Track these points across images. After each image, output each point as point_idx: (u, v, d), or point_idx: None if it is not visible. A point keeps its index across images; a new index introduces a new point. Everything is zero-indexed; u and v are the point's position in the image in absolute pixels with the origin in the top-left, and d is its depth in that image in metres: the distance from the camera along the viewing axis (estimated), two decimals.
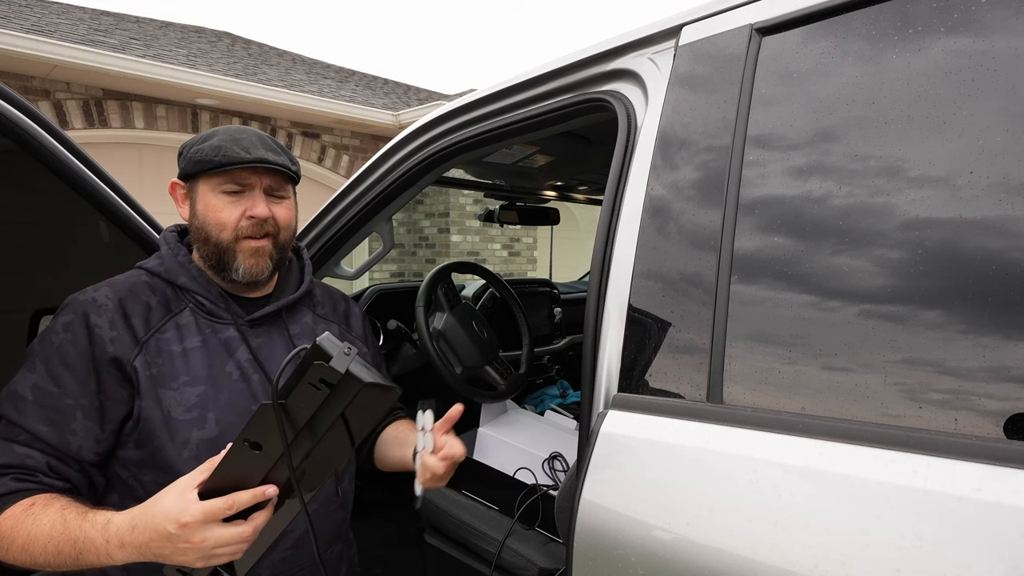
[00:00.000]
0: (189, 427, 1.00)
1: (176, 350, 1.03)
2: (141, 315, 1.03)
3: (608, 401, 0.89)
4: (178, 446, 0.99)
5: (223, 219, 1.06)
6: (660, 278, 0.88)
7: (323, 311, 1.25)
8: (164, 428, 0.98)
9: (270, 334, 1.13)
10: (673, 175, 0.91)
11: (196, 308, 1.08)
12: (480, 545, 1.53)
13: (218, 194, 1.06)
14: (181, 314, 1.07)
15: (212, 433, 1.01)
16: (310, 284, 1.23)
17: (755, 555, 0.67)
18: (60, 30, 5.91)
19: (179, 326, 1.05)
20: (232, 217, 1.06)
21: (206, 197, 1.07)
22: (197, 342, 1.05)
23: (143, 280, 1.08)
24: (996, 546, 0.55)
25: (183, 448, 0.99)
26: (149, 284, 1.08)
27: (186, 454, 0.99)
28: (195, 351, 1.04)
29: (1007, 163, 0.63)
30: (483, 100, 1.30)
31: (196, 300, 1.08)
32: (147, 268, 1.11)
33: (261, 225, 1.07)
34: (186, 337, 1.05)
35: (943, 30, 0.70)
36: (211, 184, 1.06)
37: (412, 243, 7.61)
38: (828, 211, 0.75)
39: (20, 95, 1.25)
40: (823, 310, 0.73)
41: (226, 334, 1.08)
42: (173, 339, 1.04)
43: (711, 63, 0.91)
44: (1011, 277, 0.61)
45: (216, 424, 1.02)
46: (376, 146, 7.18)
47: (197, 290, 1.08)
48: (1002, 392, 0.60)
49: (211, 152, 1.04)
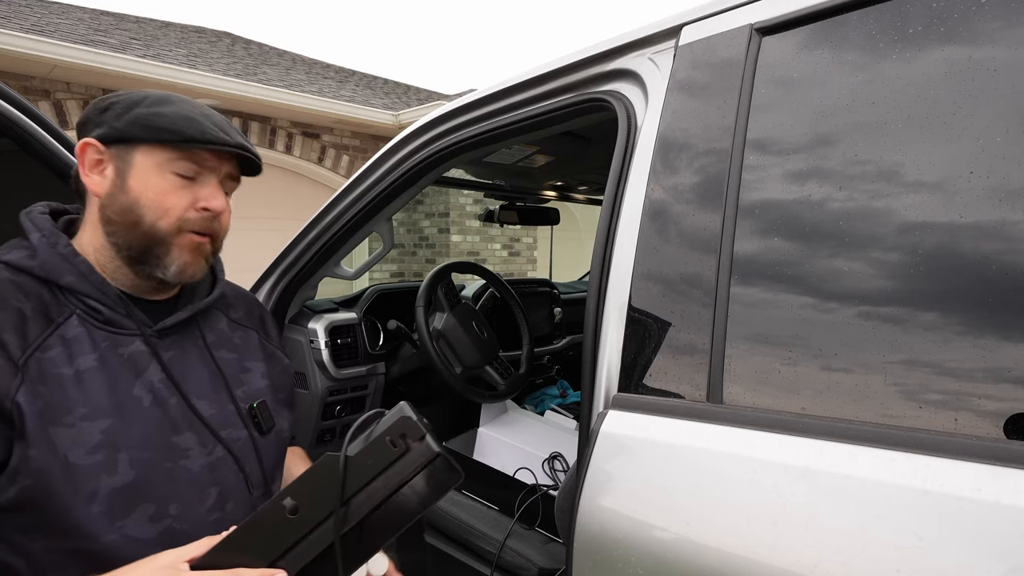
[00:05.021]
0: (95, 474, 0.77)
1: (66, 373, 0.79)
2: (13, 327, 0.77)
3: (608, 401, 0.89)
4: (84, 500, 0.76)
5: (167, 204, 0.85)
6: (660, 278, 0.88)
7: (237, 315, 1.05)
8: (64, 478, 0.75)
9: (182, 345, 0.91)
10: (673, 175, 0.91)
11: (86, 315, 0.83)
12: (480, 545, 1.53)
13: (166, 174, 0.85)
14: (66, 324, 0.81)
15: (126, 479, 0.79)
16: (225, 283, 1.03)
17: (755, 555, 0.67)
18: (60, 30, 5.91)
19: (66, 340, 0.80)
20: (179, 204, 0.86)
21: (147, 173, 0.84)
22: (92, 361, 0.81)
23: (5, 278, 0.81)
24: (996, 546, 0.55)
25: (91, 502, 0.76)
26: (16, 284, 0.81)
27: (95, 509, 0.76)
28: (91, 372, 0.80)
29: (1008, 164, 0.63)
30: (483, 100, 1.30)
31: (87, 305, 0.84)
32: (9, 262, 0.82)
33: (211, 221, 0.89)
34: (77, 355, 0.80)
35: (945, 30, 0.70)
36: (158, 158, 0.85)
37: (412, 243, 7.61)
38: (828, 210, 0.75)
39: (20, 95, 1.25)
40: (824, 311, 0.73)
41: (130, 348, 0.85)
42: (60, 359, 0.79)
43: (711, 63, 0.91)
44: (1011, 278, 0.61)
45: (130, 466, 0.79)
46: (376, 146, 7.18)
47: (88, 292, 0.84)
48: (1002, 392, 0.60)
49: (180, 122, 0.84)
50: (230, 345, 0.99)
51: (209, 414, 0.90)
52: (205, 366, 0.93)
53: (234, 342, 1.01)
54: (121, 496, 0.79)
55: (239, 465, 0.91)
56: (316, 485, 0.67)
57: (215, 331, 0.98)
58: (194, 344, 0.93)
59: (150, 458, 0.82)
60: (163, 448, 0.83)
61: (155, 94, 0.88)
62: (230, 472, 0.90)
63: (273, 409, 1.00)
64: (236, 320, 1.04)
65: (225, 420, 0.92)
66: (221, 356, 0.96)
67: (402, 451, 0.67)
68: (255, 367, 1.01)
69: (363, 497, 0.68)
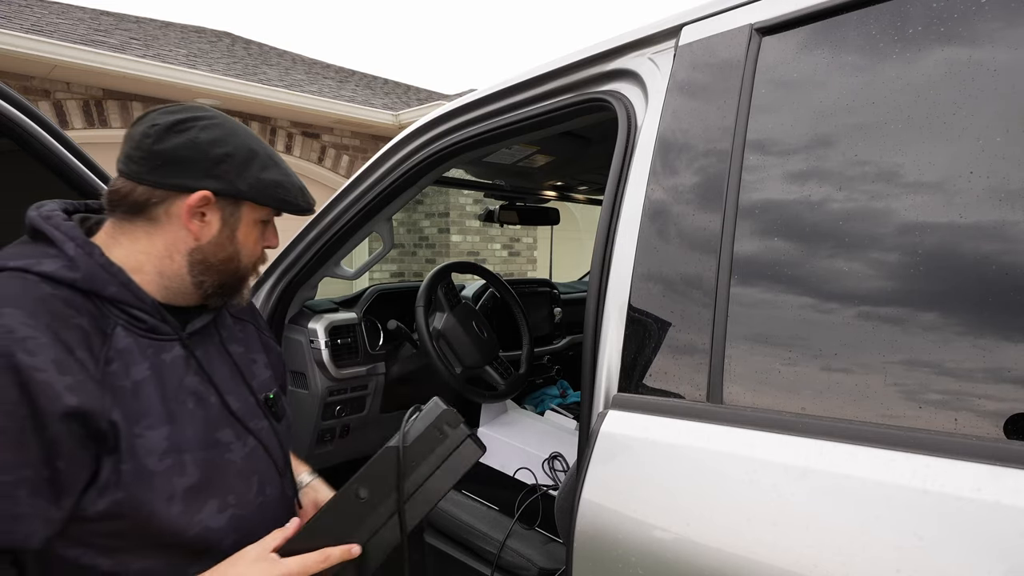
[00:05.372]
0: (169, 478, 0.82)
1: (127, 385, 0.80)
2: (82, 344, 0.77)
3: (608, 401, 0.89)
4: (165, 503, 0.81)
5: (257, 251, 0.98)
6: (660, 278, 0.88)
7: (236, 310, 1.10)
8: (147, 486, 0.79)
9: (206, 345, 0.95)
10: (673, 175, 0.91)
11: (129, 325, 0.84)
12: (480, 545, 1.53)
13: (257, 223, 0.95)
14: (115, 336, 0.82)
15: (194, 479, 0.84)
16: None
17: (755, 555, 0.67)
18: (60, 30, 5.91)
19: (120, 352, 0.81)
20: (260, 246, 0.98)
21: (250, 227, 0.94)
22: (145, 370, 0.83)
23: (49, 293, 0.78)
24: (996, 546, 0.55)
25: (171, 504, 0.81)
26: (62, 299, 0.78)
27: (175, 509, 0.82)
28: (145, 383, 0.82)
29: (1008, 165, 0.63)
30: (483, 100, 1.30)
31: (129, 315, 0.84)
32: (47, 274, 0.79)
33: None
34: (131, 366, 0.82)
35: (945, 30, 0.70)
36: (260, 215, 0.95)
37: (412, 243, 7.61)
38: (828, 210, 0.75)
39: (20, 95, 1.25)
40: (824, 310, 0.73)
41: (171, 354, 0.88)
42: (120, 371, 0.80)
43: (711, 63, 0.91)
44: (1011, 278, 0.61)
45: (195, 466, 0.85)
46: (376, 146, 7.18)
47: (130, 302, 0.84)
48: (1002, 392, 0.60)
49: (291, 191, 0.94)
50: (238, 339, 1.04)
51: (237, 407, 0.95)
52: (225, 362, 0.98)
53: (239, 336, 1.06)
54: (192, 494, 0.84)
55: (268, 453, 0.98)
56: (380, 472, 0.85)
57: (226, 327, 1.03)
58: (213, 342, 0.98)
59: (207, 456, 0.88)
60: (212, 445, 0.89)
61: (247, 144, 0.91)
62: (262, 460, 0.96)
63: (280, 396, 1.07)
64: (236, 315, 1.09)
65: (250, 412, 0.97)
66: (234, 351, 1.01)
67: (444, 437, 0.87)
68: (259, 358, 1.07)
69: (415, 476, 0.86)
